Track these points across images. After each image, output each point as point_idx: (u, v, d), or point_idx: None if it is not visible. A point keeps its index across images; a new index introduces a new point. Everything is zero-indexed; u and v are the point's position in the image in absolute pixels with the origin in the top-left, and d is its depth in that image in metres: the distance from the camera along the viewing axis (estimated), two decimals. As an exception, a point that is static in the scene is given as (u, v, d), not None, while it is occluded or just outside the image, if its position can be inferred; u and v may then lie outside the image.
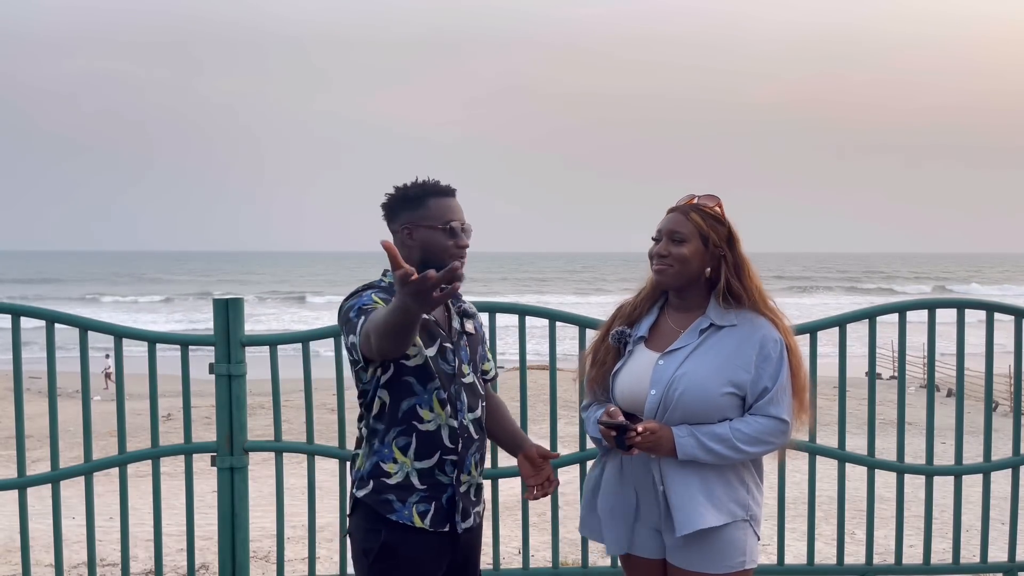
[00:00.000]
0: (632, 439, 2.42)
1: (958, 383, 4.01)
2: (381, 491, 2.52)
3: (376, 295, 2.50)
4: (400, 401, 2.53)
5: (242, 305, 3.85)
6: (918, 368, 19.38)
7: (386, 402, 2.54)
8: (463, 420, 2.58)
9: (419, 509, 2.52)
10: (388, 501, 2.51)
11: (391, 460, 2.53)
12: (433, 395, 2.53)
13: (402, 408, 2.53)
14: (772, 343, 2.52)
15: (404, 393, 2.52)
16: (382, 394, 2.54)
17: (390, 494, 2.52)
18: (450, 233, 2.54)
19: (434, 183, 2.58)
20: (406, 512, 2.51)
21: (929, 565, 4.05)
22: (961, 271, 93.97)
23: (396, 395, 2.53)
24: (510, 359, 5.12)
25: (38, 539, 5.14)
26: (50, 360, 3.83)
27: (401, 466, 2.52)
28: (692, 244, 2.55)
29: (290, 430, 11.24)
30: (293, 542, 5.82)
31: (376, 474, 2.54)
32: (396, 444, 2.53)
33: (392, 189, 2.61)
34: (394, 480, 2.52)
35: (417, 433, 2.52)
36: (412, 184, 2.58)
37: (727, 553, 2.49)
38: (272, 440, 3.97)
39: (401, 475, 2.52)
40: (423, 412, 2.52)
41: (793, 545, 5.25)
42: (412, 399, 2.52)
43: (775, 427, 2.49)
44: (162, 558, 3.92)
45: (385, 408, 2.54)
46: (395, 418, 2.53)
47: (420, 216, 2.55)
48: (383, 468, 2.53)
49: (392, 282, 2.57)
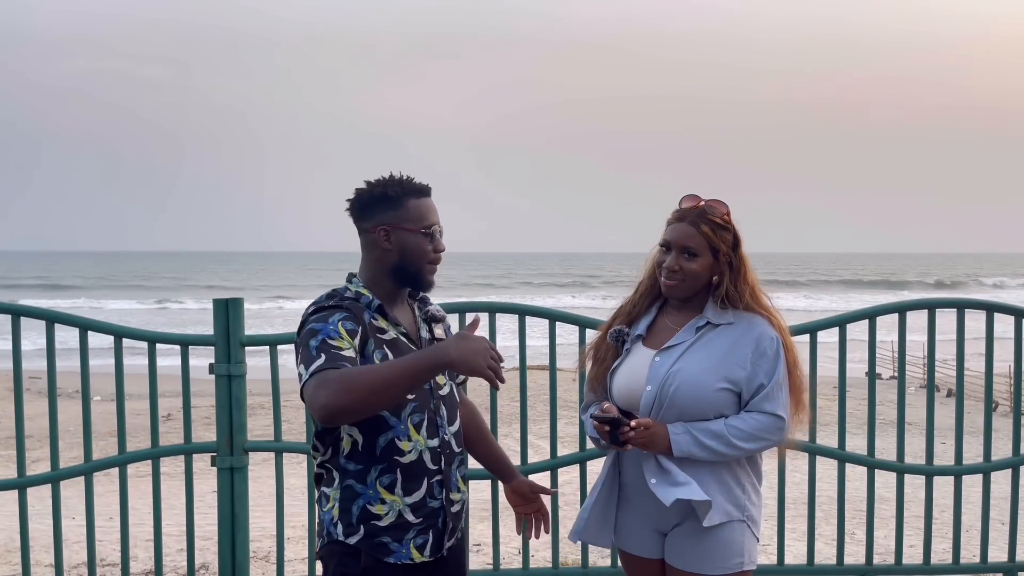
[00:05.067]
0: (625, 434, 2.43)
1: (958, 383, 4.01)
2: (374, 535, 2.35)
3: (343, 324, 2.28)
4: (376, 437, 2.34)
5: (242, 305, 3.86)
6: (918, 368, 19.37)
7: (359, 440, 2.35)
8: (444, 436, 2.43)
9: (416, 544, 2.38)
10: (383, 544, 2.35)
11: (378, 501, 2.35)
12: (408, 422, 2.36)
13: (379, 444, 2.34)
14: (768, 340, 2.53)
15: (379, 428, 2.34)
16: (351, 432, 2.35)
17: (384, 537, 2.35)
18: (430, 237, 2.42)
19: (411, 182, 2.42)
20: (404, 551, 2.36)
21: (929, 565, 4.05)
22: (971, 271, 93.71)
23: (370, 431, 2.34)
24: (510, 360, 5.11)
25: (38, 539, 5.14)
26: (50, 360, 3.83)
27: (391, 505, 2.35)
28: (703, 258, 2.55)
29: (290, 430, 11.23)
30: (293, 542, 5.82)
31: (365, 518, 2.35)
32: (380, 484, 2.35)
33: (363, 184, 2.43)
34: (386, 522, 2.35)
35: (401, 467, 2.36)
36: (389, 181, 2.41)
37: (725, 554, 2.50)
38: (272, 440, 3.97)
39: (393, 515, 2.35)
40: (402, 444, 2.35)
41: (793, 545, 5.25)
42: (388, 433, 2.34)
43: (771, 424, 2.49)
44: (162, 558, 3.93)
45: (359, 447, 2.35)
46: (373, 456, 2.35)
47: (399, 217, 2.39)
48: (371, 511, 2.35)
49: (358, 293, 2.41)
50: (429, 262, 2.43)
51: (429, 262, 2.43)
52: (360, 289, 2.42)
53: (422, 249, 2.41)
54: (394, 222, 2.40)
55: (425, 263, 2.42)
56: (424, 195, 2.44)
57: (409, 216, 2.40)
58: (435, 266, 2.46)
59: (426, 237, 2.41)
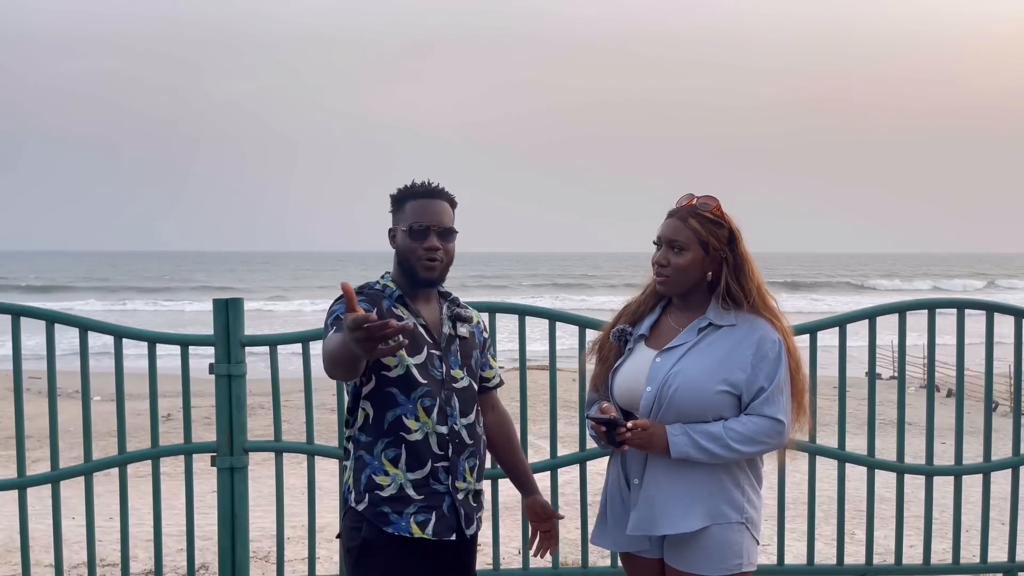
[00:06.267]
0: (622, 435, 2.43)
1: (958, 383, 4.01)
2: (376, 504, 2.53)
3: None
4: (385, 412, 2.54)
5: (242, 305, 3.85)
6: (918, 368, 19.36)
7: (370, 414, 2.56)
8: (454, 425, 2.58)
9: (417, 520, 2.52)
10: (384, 514, 2.52)
11: (382, 472, 2.53)
12: (417, 404, 2.53)
13: (387, 419, 2.54)
14: (770, 343, 2.52)
15: (388, 404, 2.54)
16: (365, 405, 2.56)
17: (385, 506, 2.52)
18: (417, 235, 2.55)
19: (419, 185, 2.59)
20: (403, 523, 2.51)
21: (929, 565, 4.05)
22: (973, 270, 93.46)
23: (380, 406, 2.54)
24: (510, 359, 5.12)
25: (38, 539, 5.13)
26: (50, 360, 3.83)
27: (393, 478, 2.53)
28: (691, 252, 2.54)
29: (290, 430, 11.23)
30: (293, 542, 5.82)
31: (370, 487, 2.54)
32: (386, 456, 2.53)
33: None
34: (387, 492, 2.53)
35: (406, 444, 2.53)
36: (404, 186, 2.62)
37: (723, 555, 2.49)
38: (272, 440, 3.97)
39: (394, 487, 2.53)
40: (409, 422, 2.53)
41: (793, 545, 5.25)
42: (396, 409, 2.53)
43: (770, 427, 2.48)
44: (162, 558, 3.92)
45: (369, 420, 2.56)
46: (381, 429, 2.54)
47: (399, 219, 2.62)
48: (376, 481, 2.54)
49: (384, 285, 2.63)
50: (418, 258, 2.57)
51: (418, 258, 2.57)
52: (387, 283, 2.65)
53: (411, 247, 2.58)
54: (396, 223, 2.64)
55: (415, 260, 2.57)
56: (423, 197, 2.58)
57: (405, 217, 2.59)
58: (431, 263, 2.57)
59: (416, 236, 2.55)
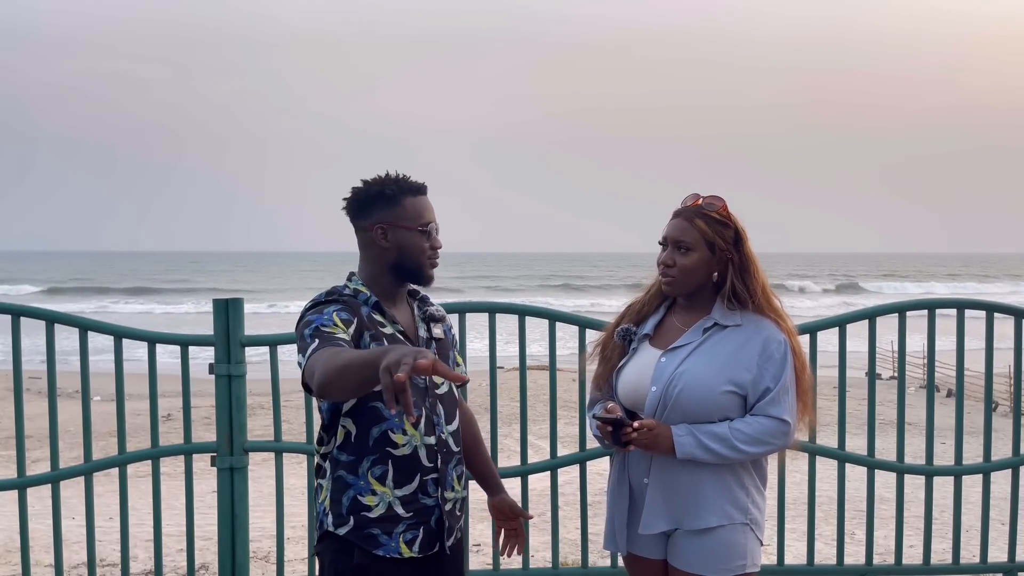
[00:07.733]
0: (628, 435, 2.42)
1: (958, 383, 4.01)
2: (363, 526, 2.37)
3: (338, 314, 2.34)
4: (369, 428, 2.38)
5: (242, 305, 3.85)
6: (918, 368, 19.36)
7: (352, 431, 2.39)
8: (441, 435, 2.46)
9: (406, 538, 2.39)
10: (373, 536, 2.37)
11: (369, 492, 2.38)
12: (403, 416, 2.38)
13: (372, 435, 2.38)
14: (776, 344, 2.51)
15: (372, 420, 2.38)
16: (345, 423, 2.40)
17: (374, 528, 2.38)
18: (427, 235, 2.46)
19: (407, 180, 2.46)
20: (393, 545, 2.38)
21: (929, 565, 4.05)
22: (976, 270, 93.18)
23: (364, 423, 2.39)
24: (510, 360, 5.11)
25: (38, 539, 5.14)
26: (50, 360, 3.83)
27: (381, 497, 2.38)
28: (698, 253, 2.53)
29: (290, 430, 11.23)
30: (293, 542, 5.82)
31: (355, 509, 2.38)
32: (372, 474, 2.38)
33: (359, 183, 2.47)
34: (376, 513, 2.38)
35: (393, 459, 2.38)
36: (386, 180, 2.45)
37: (727, 556, 2.49)
38: (272, 440, 3.97)
39: (383, 507, 2.38)
40: (396, 437, 2.38)
41: (793, 545, 5.25)
42: (382, 424, 2.38)
43: (776, 428, 2.48)
44: (162, 558, 3.92)
45: (351, 438, 2.40)
46: (366, 447, 2.38)
47: (396, 215, 2.43)
48: (362, 502, 2.38)
49: (356, 290, 2.45)
50: (428, 258, 2.48)
51: (428, 258, 2.48)
52: (358, 287, 2.47)
53: (420, 246, 2.45)
54: (391, 220, 2.44)
55: (423, 259, 2.47)
56: (420, 193, 2.48)
57: (406, 214, 2.44)
58: (434, 262, 2.51)
59: (423, 234, 2.46)
